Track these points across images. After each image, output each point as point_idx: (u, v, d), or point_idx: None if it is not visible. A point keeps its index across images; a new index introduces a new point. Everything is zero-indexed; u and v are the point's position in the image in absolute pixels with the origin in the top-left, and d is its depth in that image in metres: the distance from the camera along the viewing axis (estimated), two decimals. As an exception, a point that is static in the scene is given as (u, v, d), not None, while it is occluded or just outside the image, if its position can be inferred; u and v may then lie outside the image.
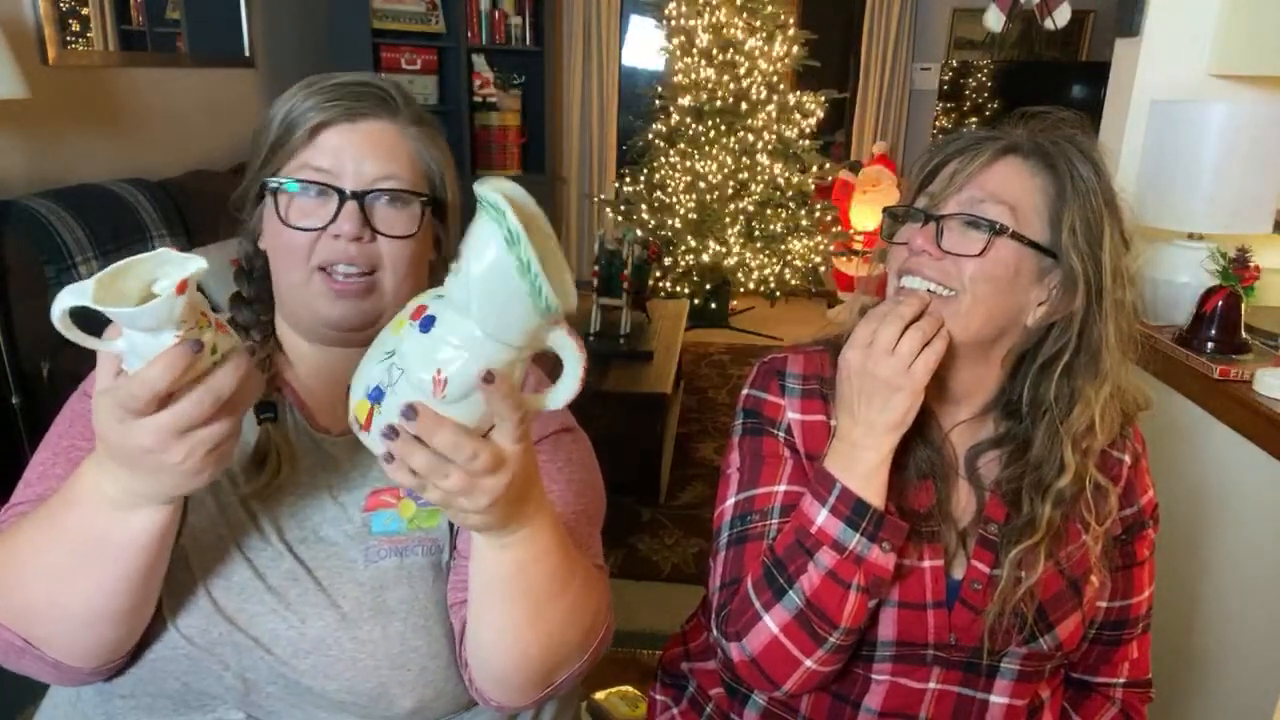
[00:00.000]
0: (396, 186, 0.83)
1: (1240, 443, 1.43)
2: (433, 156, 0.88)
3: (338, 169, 0.82)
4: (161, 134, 3.43)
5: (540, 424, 0.90)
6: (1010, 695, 0.94)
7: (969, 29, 5.83)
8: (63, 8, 2.92)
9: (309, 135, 0.82)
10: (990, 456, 0.94)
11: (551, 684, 0.81)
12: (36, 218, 2.53)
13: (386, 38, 4.67)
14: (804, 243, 4.98)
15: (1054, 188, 0.86)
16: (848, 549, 0.86)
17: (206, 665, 0.79)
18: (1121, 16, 1.94)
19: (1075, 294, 0.86)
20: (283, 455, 0.84)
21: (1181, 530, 1.57)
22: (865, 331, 0.86)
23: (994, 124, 0.92)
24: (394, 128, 0.85)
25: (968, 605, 0.92)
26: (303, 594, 0.80)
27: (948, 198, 0.88)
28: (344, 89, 0.83)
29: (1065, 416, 0.88)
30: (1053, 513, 0.89)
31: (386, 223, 0.83)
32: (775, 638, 0.87)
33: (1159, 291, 1.76)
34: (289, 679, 0.79)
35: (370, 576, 0.82)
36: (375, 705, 0.80)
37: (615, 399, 2.90)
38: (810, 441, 0.96)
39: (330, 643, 0.79)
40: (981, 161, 0.87)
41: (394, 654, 0.80)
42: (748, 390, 1.01)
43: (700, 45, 4.77)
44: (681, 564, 2.63)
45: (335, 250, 0.82)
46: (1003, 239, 0.86)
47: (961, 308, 0.87)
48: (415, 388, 0.57)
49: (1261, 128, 1.64)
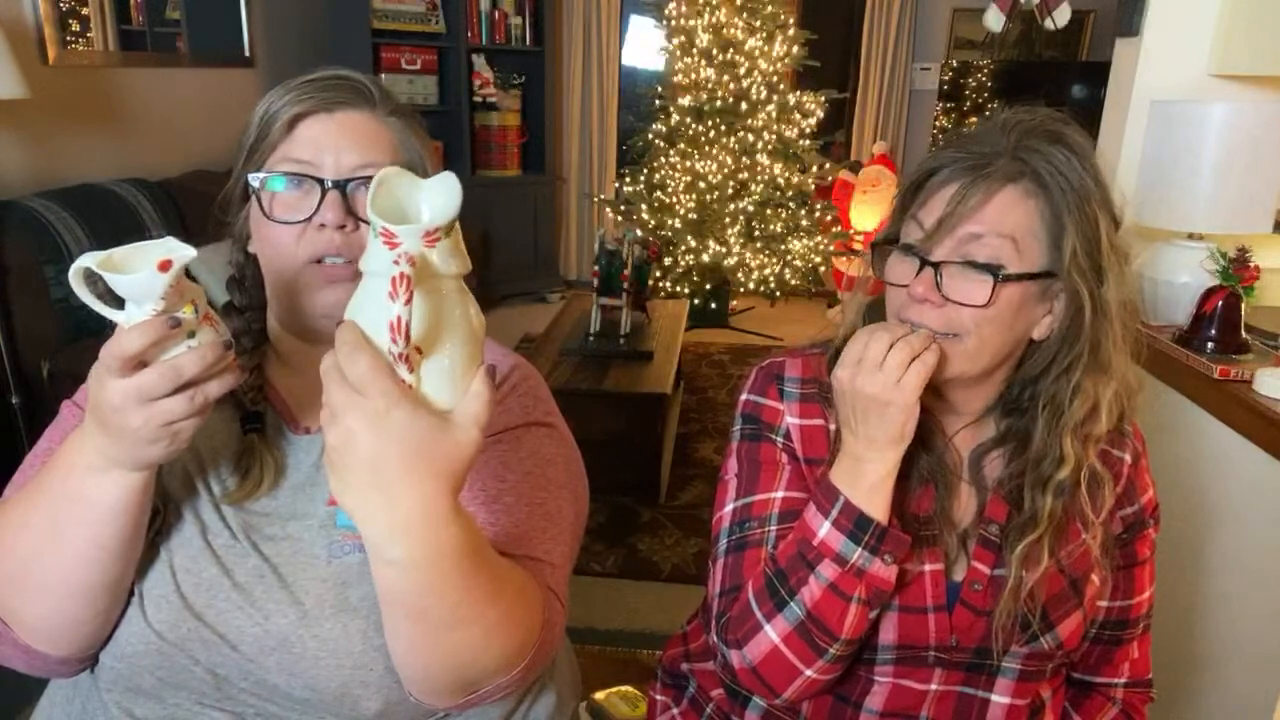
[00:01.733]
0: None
1: (1240, 443, 1.43)
2: (413, 145, 0.88)
3: (318, 159, 0.82)
4: (161, 134, 3.43)
5: (507, 416, 0.88)
6: (1012, 695, 0.94)
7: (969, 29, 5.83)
8: (63, 8, 2.92)
9: (287, 127, 0.83)
10: (993, 456, 0.94)
11: (475, 693, 0.75)
12: (36, 218, 2.53)
13: (386, 38, 4.67)
14: (804, 243, 4.98)
15: (1050, 210, 0.84)
16: (850, 562, 0.86)
17: (178, 660, 0.79)
18: (1121, 16, 1.94)
19: (1080, 304, 0.85)
20: (264, 468, 0.84)
21: (1182, 530, 1.57)
22: (855, 348, 0.85)
23: (980, 124, 0.89)
24: (372, 117, 0.85)
25: (968, 606, 0.92)
26: (267, 590, 0.80)
27: (942, 237, 0.84)
28: (319, 82, 0.84)
29: (1066, 409, 0.88)
30: (1054, 504, 0.88)
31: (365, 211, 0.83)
32: (776, 647, 0.87)
33: (1159, 291, 1.76)
34: (256, 676, 0.79)
35: (333, 573, 0.81)
36: (340, 705, 0.79)
37: (615, 399, 2.90)
38: (809, 446, 0.96)
39: (293, 640, 0.78)
40: (974, 201, 0.83)
41: (355, 653, 0.78)
42: (746, 395, 1.00)
43: (700, 45, 4.77)
44: (681, 564, 2.63)
45: (321, 241, 0.81)
46: (1007, 285, 0.83)
47: (968, 349, 0.86)
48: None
49: (1261, 128, 1.64)
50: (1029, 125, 0.86)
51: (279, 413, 0.89)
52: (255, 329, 0.91)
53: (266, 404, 0.89)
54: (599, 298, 3.26)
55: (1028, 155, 0.84)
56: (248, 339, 0.90)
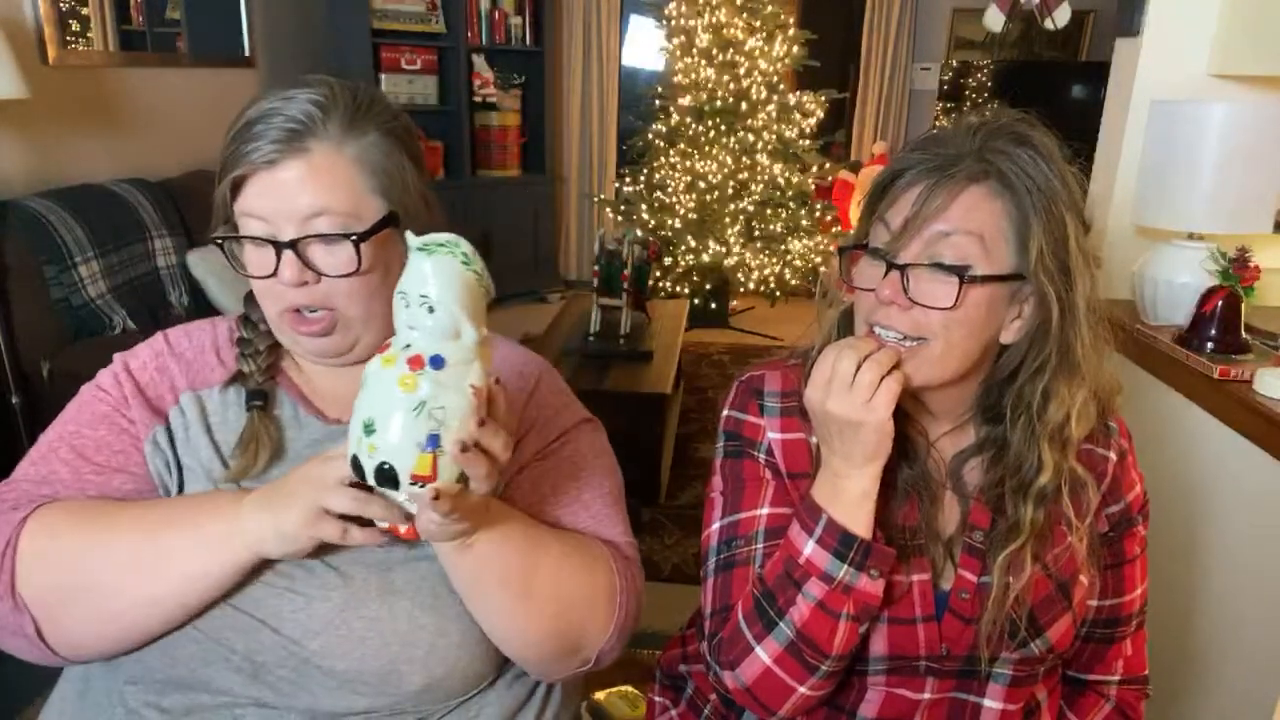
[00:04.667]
0: (328, 228, 0.80)
1: (1240, 442, 1.43)
2: (380, 166, 0.82)
3: (271, 214, 0.80)
4: (161, 134, 3.43)
5: (569, 415, 0.97)
6: (1004, 700, 0.94)
7: (969, 29, 5.83)
8: (63, 8, 2.92)
9: (234, 189, 0.81)
10: (973, 464, 0.94)
11: (579, 655, 0.87)
12: (36, 218, 2.53)
13: (386, 38, 4.66)
14: (804, 243, 4.98)
15: (1017, 210, 0.83)
16: (836, 580, 0.85)
17: (214, 650, 0.80)
18: (1121, 16, 1.94)
19: (1048, 307, 0.84)
20: (260, 443, 0.85)
21: (1181, 530, 1.57)
22: (824, 368, 0.84)
23: (945, 127, 0.88)
24: (323, 154, 0.79)
25: (957, 615, 0.91)
26: (308, 576, 0.81)
27: (909, 239, 0.83)
28: (263, 129, 0.79)
29: (1041, 415, 0.87)
30: (1035, 513, 0.88)
31: (327, 263, 0.81)
32: (768, 668, 0.87)
33: (1159, 291, 1.75)
34: (300, 658, 0.80)
35: (378, 559, 0.83)
36: (385, 684, 0.81)
37: (615, 399, 2.90)
38: (791, 461, 0.95)
39: (338, 622, 0.80)
40: (939, 201, 0.82)
41: (402, 631, 0.81)
42: (727, 411, 0.99)
43: (700, 45, 4.77)
44: (681, 564, 2.63)
45: (288, 295, 0.82)
46: (974, 287, 0.82)
47: (935, 353, 0.84)
48: (464, 411, 0.67)
49: (1261, 128, 1.64)
50: (994, 127, 0.85)
51: (300, 403, 0.90)
52: (265, 329, 0.91)
53: (272, 383, 0.90)
54: (599, 298, 3.26)
55: (993, 156, 0.83)
56: (260, 340, 0.90)
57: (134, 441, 0.86)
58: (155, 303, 2.88)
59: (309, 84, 0.82)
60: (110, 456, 0.85)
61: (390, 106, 0.86)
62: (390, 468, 0.66)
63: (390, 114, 0.85)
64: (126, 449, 0.85)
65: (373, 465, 0.67)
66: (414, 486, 0.67)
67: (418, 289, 0.67)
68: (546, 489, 0.91)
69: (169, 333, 0.94)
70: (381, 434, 0.66)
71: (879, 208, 0.88)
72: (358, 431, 0.68)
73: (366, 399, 0.68)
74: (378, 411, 0.67)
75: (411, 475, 0.66)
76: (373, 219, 0.82)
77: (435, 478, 0.67)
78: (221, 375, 0.90)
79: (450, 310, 0.67)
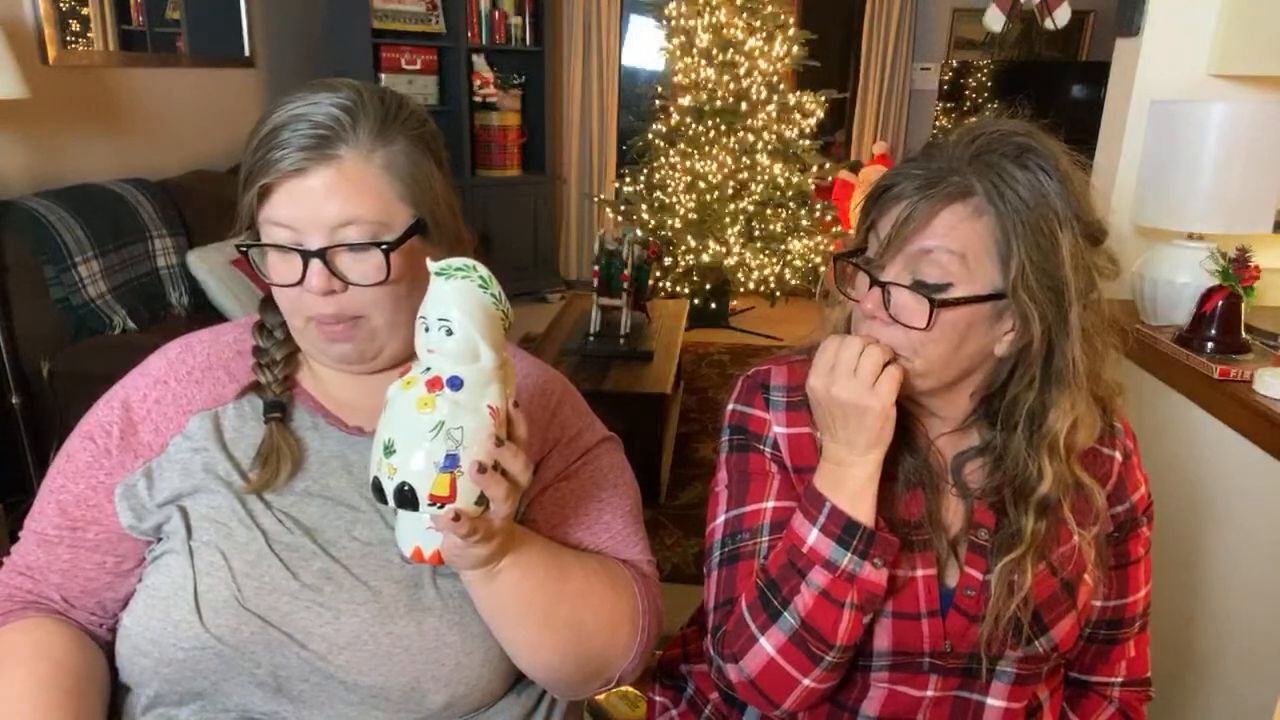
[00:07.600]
0: (356, 238, 0.79)
1: (1239, 442, 1.43)
2: (408, 173, 0.81)
3: (298, 222, 0.79)
4: (161, 134, 3.43)
5: (591, 434, 0.97)
6: (1007, 699, 0.94)
7: (969, 29, 5.83)
8: (63, 8, 2.92)
9: (260, 196, 0.79)
10: (974, 465, 0.94)
11: (602, 676, 0.88)
12: (36, 218, 2.53)
13: (386, 38, 4.67)
14: (804, 243, 4.98)
15: (1000, 229, 0.81)
16: (840, 568, 0.85)
17: (238, 663, 0.79)
18: (1121, 16, 1.94)
19: (1030, 325, 0.83)
20: (281, 456, 0.84)
21: (1181, 530, 1.57)
22: (826, 356, 0.85)
23: (946, 134, 0.87)
24: (353, 161, 0.78)
25: (962, 612, 0.91)
26: (337, 590, 0.81)
27: (892, 255, 0.83)
28: (290, 136, 0.77)
29: (1040, 425, 0.87)
30: (1036, 524, 0.88)
31: (355, 272, 0.80)
32: (772, 659, 0.87)
33: (1159, 291, 1.75)
34: (324, 673, 0.79)
35: (407, 575, 0.83)
36: (407, 700, 0.81)
37: (615, 399, 2.90)
38: (797, 455, 0.95)
39: (366, 638, 0.80)
40: (922, 218, 0.82)
41: (429, 649, 0.80)
42: (732, 405, 0.99)
43: (700, 45, 4.77)
44: (681, 564, 2.63)
45: (315, 303, 0.81)
46: (946, 310, 0.82)
47: (916, 369, 0.85)
48: (482, 432, 0.68)
49: (1261, 128, 1.64)
50: (992, 136, 0.84)
51: (319, 414, 0.89)
52: (281, 337, 0.90)
53: (288, 395, 0.89)
54: (599, 298, 3.26)
55: (981, 172, 0.82)
56: (277, 350, 0.89)
57: (108, 494, 0.86)
58: (155, 303, 2.88)
59: (333, 87, 0.80)
60: (85, 511, 0.86)
61: (416, 112, 0.84)
62: (410, 488, 0.66)
63: (418, 120, 0.84)
64: (100, 502, 0.86)
65: (392, 486, 0.67)
66: (433, 507, 0.67)
67: (437, 313, 0.68)
68: (569, 509, 0.91)
69: (170, 354, 0.92)
70: (401, 455, 0.67)
71: (870, 217, 0.88)
72: (378, 454, 0.68)
73: (387, 421, 0.69)
74: (397, 433, 0.67)
75: (430, 495, 0.67)
76: (401, 227, 0.81)
77: (454, 498, 0.67)
78: (233, 389, 0.89)
79: (468, 332, 0.68)
